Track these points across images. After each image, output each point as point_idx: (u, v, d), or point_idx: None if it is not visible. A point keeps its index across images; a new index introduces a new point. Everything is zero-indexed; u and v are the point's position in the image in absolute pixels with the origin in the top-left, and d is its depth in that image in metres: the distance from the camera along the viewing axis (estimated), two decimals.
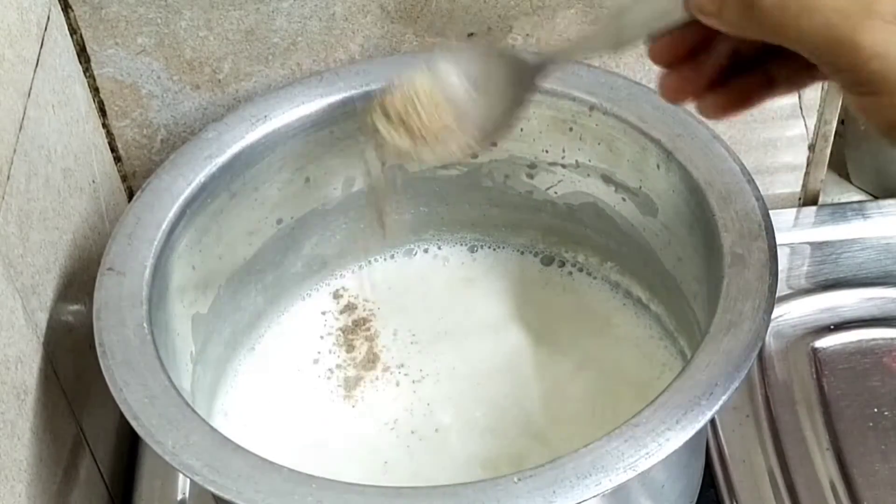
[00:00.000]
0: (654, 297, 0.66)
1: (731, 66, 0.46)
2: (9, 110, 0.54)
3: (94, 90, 0.68)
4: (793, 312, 0.71)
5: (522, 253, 0.72)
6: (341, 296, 0.70)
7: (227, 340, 0.65)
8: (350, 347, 0.67)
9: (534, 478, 0.46)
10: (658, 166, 0.60)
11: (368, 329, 0.68)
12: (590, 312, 0.68)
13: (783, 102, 0.73)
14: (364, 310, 0.69)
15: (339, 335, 0.68)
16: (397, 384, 0.65)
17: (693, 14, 0.43)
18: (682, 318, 0.63)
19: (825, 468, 0.63)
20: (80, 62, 0.67)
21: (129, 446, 0.67)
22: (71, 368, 0.59)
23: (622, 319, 0.67)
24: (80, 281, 0.61)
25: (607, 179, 0.65)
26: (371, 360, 0.67)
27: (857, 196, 0.81)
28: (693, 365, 0.50)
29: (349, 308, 0.69)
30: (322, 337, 0.68)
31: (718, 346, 0.50)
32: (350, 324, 0.69)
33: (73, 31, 0.65)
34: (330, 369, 0.66)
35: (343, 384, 0.66)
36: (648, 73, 0.71)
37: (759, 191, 0.57)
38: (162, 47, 0.67)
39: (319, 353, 0.67)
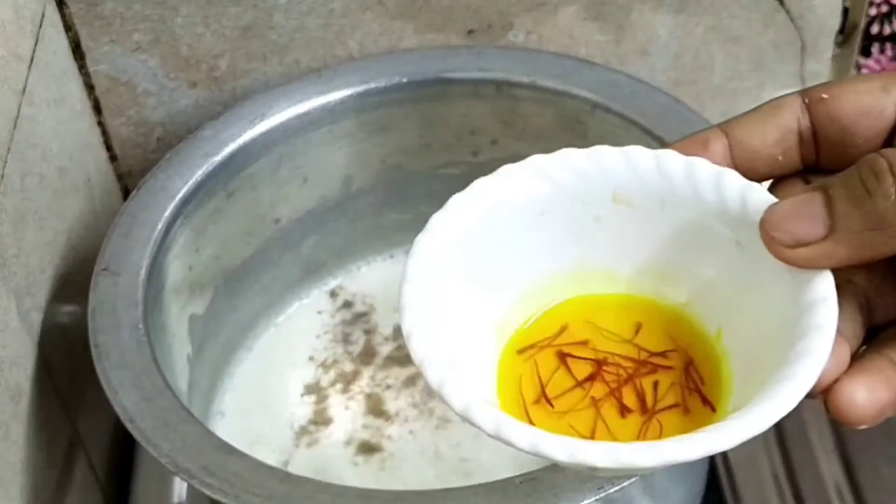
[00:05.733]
0: None
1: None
2: (3, 108, 0.53)
3: (90, 88, 0.68)
4: None
5: None
6: (337, 294, 0.69)
7: (224, 341, 0.65)
8: (348, 344, 0.67)
9: (536, 480, 0.45)
10: None
11: (368, 321, 0.68)
12: None
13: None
14: (363, 304, 0.69)
15: (338, 334, 0.68)
16: (396, 377, 0.65)
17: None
18: None
19: (830, 471, 0.62)
20: (75, 59, 0.66)
21: (124, 449, 0.66)
22: (66, 370, 0.59)
23: None
24: (74, 281, 0.61)
25: None
26: (369, 354, 0.66)
27: None
28: None
29: (346, 306, 0.69)
30: (318, 336, 0.68)
31: None
32: (349, 317, 0.68)
33: (68, 27, 0.65)
34: (328, 368, 0.66)
35: (341, 382, 0.65)
36: (651, 71, 0.70)
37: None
38: (158, 44, 0.66)
39: (315, 349, 0.67)
